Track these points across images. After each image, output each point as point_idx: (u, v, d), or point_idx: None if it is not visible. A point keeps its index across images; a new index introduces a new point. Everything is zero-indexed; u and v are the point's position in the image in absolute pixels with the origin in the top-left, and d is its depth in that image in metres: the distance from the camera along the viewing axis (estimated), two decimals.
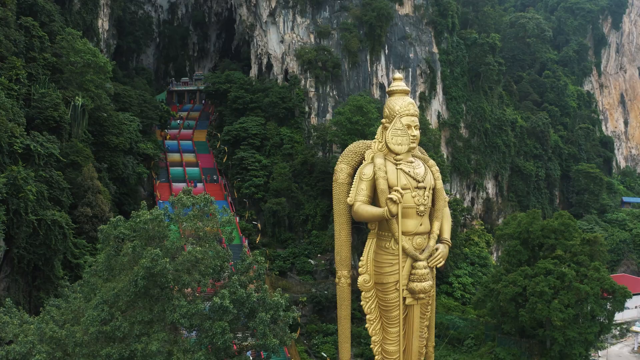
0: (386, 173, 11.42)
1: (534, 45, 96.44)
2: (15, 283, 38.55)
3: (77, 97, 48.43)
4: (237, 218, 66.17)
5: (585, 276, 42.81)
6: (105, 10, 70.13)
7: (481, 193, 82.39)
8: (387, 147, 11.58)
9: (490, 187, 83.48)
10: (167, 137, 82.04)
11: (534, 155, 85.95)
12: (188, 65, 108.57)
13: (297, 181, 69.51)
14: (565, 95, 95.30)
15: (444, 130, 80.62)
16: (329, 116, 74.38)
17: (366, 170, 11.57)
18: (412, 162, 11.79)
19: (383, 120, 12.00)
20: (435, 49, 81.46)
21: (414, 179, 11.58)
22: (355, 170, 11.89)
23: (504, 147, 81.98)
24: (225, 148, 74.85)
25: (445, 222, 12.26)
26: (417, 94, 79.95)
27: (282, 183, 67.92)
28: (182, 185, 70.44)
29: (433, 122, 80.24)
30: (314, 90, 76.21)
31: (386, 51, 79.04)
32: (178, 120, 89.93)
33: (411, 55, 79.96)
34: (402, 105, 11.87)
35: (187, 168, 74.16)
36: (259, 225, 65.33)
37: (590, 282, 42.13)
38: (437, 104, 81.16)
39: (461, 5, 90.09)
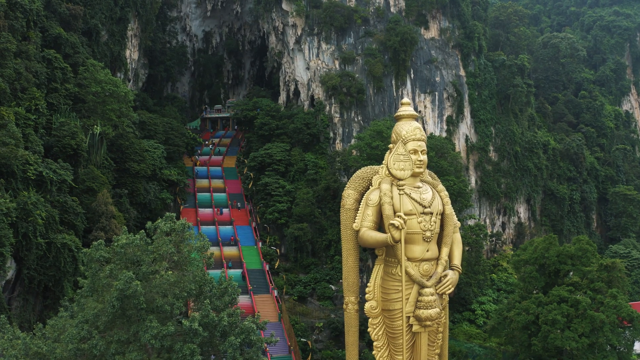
0: (392, 199, 11.36)
1: (568, 65, 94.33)
2: (26, 302, 40.03)
3: (95, 126, 50.01)
4: (260, 243, 66.63)
5: (602, 304, 40.98)
6: (133, 41, 72.52)
7: (512, 217, 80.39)
8: (389, 172, 11.56)
9: (522, 211, 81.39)
10: (197, 163, 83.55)
11: (568, 177, 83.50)
12: (223, 92, 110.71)
13: (321, 207, 69.51)
14: (602, 116, 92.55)
15: (473, 154, 79.39)
16: (353, 141, 74.41)
17: (372, 196, 11.55)
18: (419, 187, 11.68)
19: (390, 146, 12.03)
20: (462, 72, 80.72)
21: (420, 204, 11.45)
22: (362, 195, 11.91)
23: (535, 170, 79.97)
24: (251, 174, 75.70)
25: (455, 248, 12.06)
26: (444, 117, 79.22)
27: (305, 208, 68.03)
28: (209, 210, 71.67)
29: (461, 145, 79.23)
30: (338, 115, 76.52)
31: (412, 75, 78.81)
32: (210, 146, 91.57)
33: (437, 78, 79.44)
34: (409, 130, 11.80)
35: (214, 194, 75.14)
36: (278, 250, 65.41)
37: (606, 310, 40.31)
38: (465, 128, 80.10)
39: (489, 28, 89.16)
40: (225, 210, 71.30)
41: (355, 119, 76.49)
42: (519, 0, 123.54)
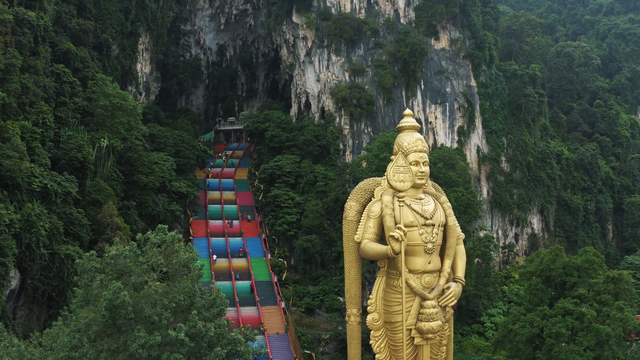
0: (394, 210, 11.33)
1: (583, 74, 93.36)
2: (30, 312, 40.70)
3: (102, 139, 50.68)
4: (269, 255, 66.73)
5: (608, 316, 40.20)
6: (144, 55, 73.49)
7: (525, 228, 79.42)
8: (389, 184, 11.50)
9: (535, 222, 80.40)
10: (210, 175, 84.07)
11: (582, 188, 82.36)
12: (237, 105, 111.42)
13: (330, 218, 69.42)
14: (618, 125, 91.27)
15: (484, 165, 78.75)
16: (363, 153, 74.33)
17: (374, 208, 11.53)
18: (421, 199, 11.63)
19: (392, 157, 12.03)
20: (473, 82, 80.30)
21: (422, 215, 11.42)
22: (364, 207, 11.92)
23: (548, 181, 79.04)
24: (262, 186, 75.95)
25: (459, 260, 11.96)
26: (455, 128, 78.78)
27: (314, 220, 68.00)
28: (219, 222, 72.02)
29: (472, 156, 78.66)
30: (348, 127, 76.53)
31: (422, 86, 78.61)
32: (222, 159, 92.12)
33: (448, 89, 79.12)
34: (410, 141, 11.81)
35: (225, 206, 75.49)
36: (286, 262, 65.39)
37: (612, 323, 39.53)
38: (477, 138, 79.55)
39: (502, 37, 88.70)
40: (235, 223, 71.60)
41: (365, 131, 76.42)
42: (534, 10, 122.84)
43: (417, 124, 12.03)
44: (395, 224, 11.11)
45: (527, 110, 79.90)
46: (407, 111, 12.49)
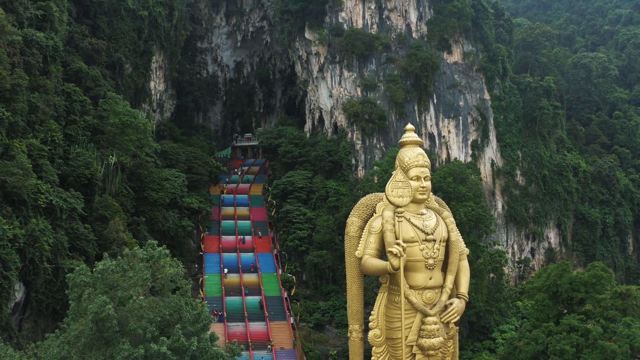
0: (394, 226, 11.36)
1: (601, 85, 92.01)
2: (36, 324, 41.52)
3: (110, 156, 51.55)
4: (280, 270, 66.81)
5: (615, 333, 39.19)
6: (158, 73, 74.72)
7: (542, 243, 78.16)
8: (387, 199, 11.50)
9: (552, 236, 79.12)
10: (225, 191, 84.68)
11: (600, 201, 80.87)
12: (254, 121, 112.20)
13: (341, 234, 69.16)
14: (637, 136, 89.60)
15: (499, 179, 77.94)
16: (375, 168, 74.23)
17: (375, 224, 11.54)
18: (422, 214, 11.61)
19: (394, 172, 12.02)
20: (486, 96, 79.77)
21: (423, 231, 11.38)
22: (366, 223, 11.95)
23: (565, 194, 77.82)
24: (274, 202, 76.25)
25: (462, 276, 11.88)
26: (469, 142, 78.24)
27: (325, 236, 67.99)
28: (232, 238, 72.44)
29: (487, 170, 77.93)
30: (360, 142, 76.57)
31: (434, 100, 78.38)
32: (238, 174, 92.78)
33: (461, 103, 78.73)
34: (411, 156, 11.77)
35: (239, 221, 75.89)
36: (294, 277, 65.36)
37: (619, 340, 38.51)
38: (491, 152, 78.83)
39: (517, 50, 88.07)
40: (247, 239, 71.90)
41: (377, 146, 76.35)
42: (552, 21, 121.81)
43: (419, 139, 11.96)
44: (396, 239, 11.08)
45: (542, 123, 78.97)
46: (409, 126, 12.44)
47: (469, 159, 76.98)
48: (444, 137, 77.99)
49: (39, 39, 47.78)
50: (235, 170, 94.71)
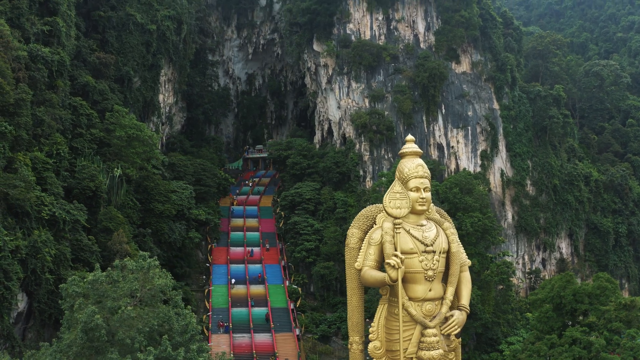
0: (394, 237, 11.32)
1: (613, 93, 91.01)
2: (38, 334, 41.99)
3: (115, 169, 52.13)
4: (287, 282, 66.79)
5: (618, 345, 38.46)
6: (167, 86, 75.51)
7: (554, 253, 77.20)
8: (385, 210, 11.49)
9: (564, 246, 78.13)
10: (235, 202, 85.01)
11: (613, 210, 79.76)
12: (266, 133, 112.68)
13: None
14: None
15: (509, 189, 77.28)
16: (383, 179, 74.08)
17: (375, 235, 11.49)
18: (422, 225, 11.56)
19: (392, 184, 11.89)
20: (496, 105, 79.32)
21: (422, 242, 11.32)
22: (367, 234, 11.89)
23: (576, 204, 76.89)
24: (282, 213, 76.37)
25: (463, 287, 11.79)
26: (479, 152, 77.77)
27: (333, 247, 67.85)
28: (240, 249, 72.64)
29: (496, 180, 77.34)
30: (368, 153, 76.53)
31: (443, 110, 78.12)
32: (249, 186, 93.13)
33: (470, 113, 78.37)
34: (411, 167, 11.71)
35: (248, 233, 76.07)
36: (300, 289, 65.27)
37: (622, 352, 37.77)
38: (501, 162, 78.24)
39: (527, 59, 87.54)
40: (256, 251, 72.04)
41: (385, 157, 76.22)
42: (565, 29, 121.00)
43: (419, 150, 11.85)
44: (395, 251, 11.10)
45: (552, 132, 78.26)
46: (409, 137, 12.37)
47: (478, 169, 76.49)
48: (452, 147, 77.63)
49: (44, 54, 48.63)
50: (246, 181, 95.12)
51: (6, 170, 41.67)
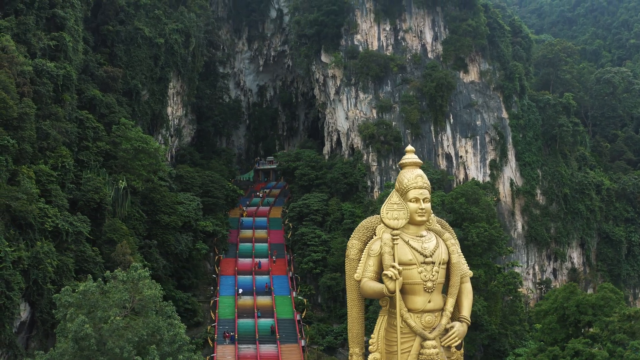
0: (393, 248, 11.29)
1: (626, 100, 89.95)
2: (41, 344, 42.47)
3: (120, 181, 52.69)
4: (294, 293, 66.76)
5: (622, 357, 37.75)
6: (175, 98, 76.26)
7: (565, 263, 76.21)
8: (382, 222, 11.48)
9: (575, 256, 77.13)
10: (244, 214, 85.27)
11: (625, 219, 78.62)
12: (278, 144, 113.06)
13: None
14: None
15: (519, 198, 76.58)
16: (390, 190, 73.87)
17: (374, 246, 11.48)
18: (422, 236, 11.54)
19: (390, 194, 11.87)
20: (505, 114, 78.83)
21: (421, 253, 11.31)
22: (366, 245, 11.89)
23: (587, 213, 75.93)
24: (290, 224, 76.46)
25: (464, 299, 11.74)
26: (487, 161, 77.28)
27: (340, 258, 67.51)
28: (248, 260, 72.82)
29: (506, 190, 76.72)
30: (376, 164, 76.40)
31: (451, 120, 77.82)
32: (259, 197, 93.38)
33: (478, 122, 77.97)
34: (410, 178, 11.59)
35: (256, 244, 76.22)
36: (305, 300, 65.16)
37: None
38: (510, 171, 77.62)
39: (537, 67, 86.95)
40: (263, 262, 72.14)
41: (393, 167, 76.00)
42: (578, 37, 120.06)
43: (419, 160, 11.77)
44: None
45: (562, 141, 77.51)
46: (409, 147, 12.35)
47: (488, 179, 75.96)
48: (461, 157, 77.22)
49: (49, 68, 49.45)
50: (257, 193, 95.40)
51: (9, 182, 42.35)
